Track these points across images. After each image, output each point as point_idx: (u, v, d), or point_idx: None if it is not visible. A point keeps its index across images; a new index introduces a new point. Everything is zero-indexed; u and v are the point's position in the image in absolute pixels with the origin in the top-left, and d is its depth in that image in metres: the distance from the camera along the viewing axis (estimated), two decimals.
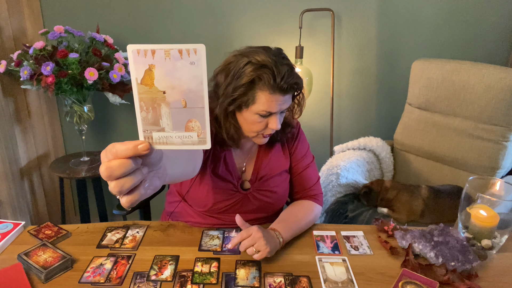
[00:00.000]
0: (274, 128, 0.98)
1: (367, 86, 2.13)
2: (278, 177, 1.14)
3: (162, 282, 0.89)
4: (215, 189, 1.07)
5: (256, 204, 1.12)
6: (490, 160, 1.67)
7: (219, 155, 1.08)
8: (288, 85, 0.93)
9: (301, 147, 1.19)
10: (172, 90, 0.49)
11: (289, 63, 0.95)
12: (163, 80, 0.48)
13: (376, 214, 1.64)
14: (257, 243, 0.92)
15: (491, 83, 1.60)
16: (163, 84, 0.49)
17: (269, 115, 0.97)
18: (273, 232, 0.99)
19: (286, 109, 1.00)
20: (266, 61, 0.92)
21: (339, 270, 0.94)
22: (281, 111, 0.98)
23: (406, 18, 1.98)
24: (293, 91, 0.98)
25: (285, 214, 1.09)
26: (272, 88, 0.92)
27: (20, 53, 1.70)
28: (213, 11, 2.00)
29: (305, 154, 1.20)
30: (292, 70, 0.95)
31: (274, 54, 0.94)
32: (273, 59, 0.92)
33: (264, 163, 1.13)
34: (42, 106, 2.12)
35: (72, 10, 2.01)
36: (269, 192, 1.13)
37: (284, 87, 0.92)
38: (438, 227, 1.02)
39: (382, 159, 1.95)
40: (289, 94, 0.96)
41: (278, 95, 0.94)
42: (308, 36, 2.01)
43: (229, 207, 1.10)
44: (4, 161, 1.85)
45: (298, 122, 1.21)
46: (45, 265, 0.90)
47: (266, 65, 0.91)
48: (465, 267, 0.90)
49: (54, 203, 2.31)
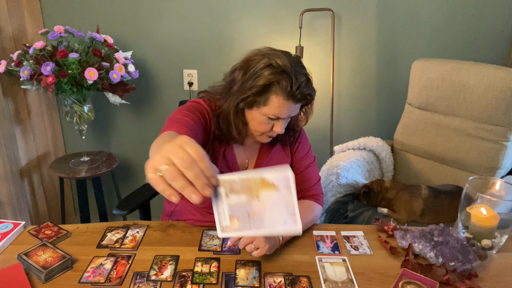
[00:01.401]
0: (278, 132, 1.01)
1: (367, 86, 2.13)
2: None
3: (162, 282, 0.89)
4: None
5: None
6: (490, 160, 1.67)
7: (218, 151, 1.09)
8: (302, 95, 0.95)
9: (302, 147, 1.21)
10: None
11: (306, 74, 0.97)
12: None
13: (376, 214, 1.64)
14: (256, 240, 0.92)
15: (491, 83, 1.60)
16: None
17: (277, 119, 0.99)
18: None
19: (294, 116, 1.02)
20: (286, 66, 0.93)
21: (339, 270, 0.94)
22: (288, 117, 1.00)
23: (406, 18, 1.98)
24: (305, 101, 1.00)
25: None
26: (287, 95, 0.93)
27: (20, 53, 1.70)
28: (213, 11, 2.00)
29: (306, 154, 1.21)
30: (309, 81, 0.97)
31: (294, 61, 0.96)
32: (293, 66, 0.94)
33: (265, 161, 1.15)
34: (42, 106, 2.12)
35: (72, 10, 2.01)
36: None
37: (298, 97, 0.94)
38: (438, 227, 1.02)
39: (382, 159, 1.95)
40: (300, 103, 0.98)
41: (290, 103, 0.95)
42: (308, 36, 2.01)
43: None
44: (4, 161, 1.85)
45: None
46: (45, 265, 0.90)
47: (286, 71, 0.92)
48: (465, 267, 0.90)
49: (54, 203, 2.31)
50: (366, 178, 1.88)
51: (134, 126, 2.25)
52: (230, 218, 0.65)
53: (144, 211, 1.41)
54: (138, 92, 2.09)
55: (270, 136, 1.05)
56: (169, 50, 2.08)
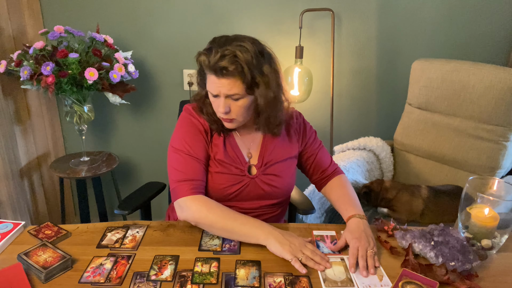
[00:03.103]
0: (219, 111, 1.04)
1: (367, 86, 2.13)
2: (283, 163, 1.18)
3: (162, 282, 0.89)
4: (222, 174, 1.12)
5: (264, 189, 1.15)
6: (490, 160, 1.67)
7: (217, 143, 1.13)
8: (218, 68, 0.97)
9: (310, 132, 1.26)
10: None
11: (231, 49, 0.96)
12: None
13: (376, 214, 1.64)
14: (366, 247, 0.98)
15: (491, 83, 1.60)
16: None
17: (217, 97, 1.03)
18: (358, 220, 1.05)
19: (237, 96, 1.01)
20: (212, 43, 1.01)
21: (338, 270, 0.94)
22: (226, 96, 1.01)
23: (406, 18, 1.98)
24: (228, 76, 0.98)
25: (339, 197, 1.18)
26: (209, 69, 0.99)
27: (20, 53, 1.70)
28: (213, 11, 2.00)
29: (314, 139, 1.27)
30: (230, 55, 0.96)
31: (222, 39, 1.00)
32: (217, 43, 0.99)
33: (269, 150, 1.17)
34: (42, 106, 2.12)
35: (72, 10, 2.01)
36: (274, 176, 1.16)
37: (216, 69, 0.97)
38: (438, 227, 1.02)
39: (382, 159, 1.95)
40: (225, 78, 0.98)
41: (214, 77, 0.99)
42: (308, 36, 2.01)
43: (238, 192, 1.13)
44: (4, 161, 1.85)
45: (299, 113, 1.28)
46: (45, 265, 0.90)
47: (210, 48, 0.99)
48: (465, 267, 0.90)
49: (54, 203, 2.31)
50: (366, 178, 1.88)
51: (134, 126, 2.25)
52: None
53: (145, 211, 1.41)
54: (138, 92, 2.09)
55: (225, 119, 1.07)
56: (169, 50, 2.08)
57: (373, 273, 0.92)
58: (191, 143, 1.10)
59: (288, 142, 1.21)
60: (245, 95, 1.02)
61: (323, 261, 0.94)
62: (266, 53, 1.05)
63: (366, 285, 0.89)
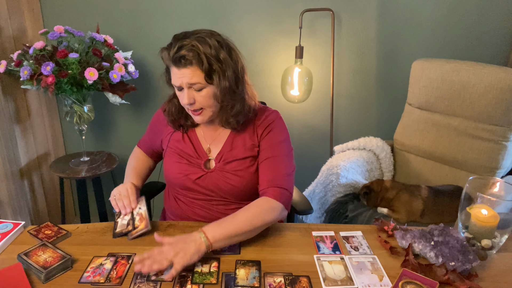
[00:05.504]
0: (183, 102, 1.07)
1: (367, 86, 2.13)
2: (242, 161, 1.15)
3: (162, 282, 0.89)
4: (181, 163, 1.18)
5: (222, 184, 1.15)
6: (490, 160, 1.67)
7: (177, 138, 1.22)
8: (177, 58, 1.00)
9: (271, 136, 1.16)
10: None
11: (191, 42, 0.99)
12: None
13: (376, 214, 1.64)
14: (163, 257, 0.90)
15: (491, 83, 1.60)
16: None
17: (181, 89, 1.06)
18: (195, 235, 0.94)
19: (198, 86, 1.03)
20: (172, 40, 1.03)
21: (337, 269, 0.94)
22: (189, 86, 1.04)
23: (406, 18, 1.98)
24: (187, 65, 1.01)
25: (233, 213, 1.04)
26: (170, 61, 1.03)
27: (20, 53, 1.70)
28: (213, 11, 2.00)
29: (274, 144, 1.15)
30: (188, 45, 0.99)
31: (182, 34, 1.03)
32: (178, 37, 1.02)
33: (229, 147, 1.17)
34: (42, 106, 2.12)
35: (72, 10, 2.01)
36: (232, 174, 1.15)
37: (175, 60, 1.01)
38: (438, 227, 1.02)
39: (382, 159, 1.95)
40: (185, 68, 1.01)
41: (174, 68, 1.03)
42: (308, 36, 2.01)
43: (199, 181, 1.16)
44: (4, 161, 1.85)
45: (276, 116, 1.19)
46: (45, 265, 0.90)
47: (170, 43, 1.03)
48: (465, 267, 0.90)
49: (54, 203, 2.31)
50: (366, 178, 1.88)
51: (134, 126, 2.25)
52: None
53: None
54: (138, 92, 2.09)
55: (192, 111, 1.10)
56: None
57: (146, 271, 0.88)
58: (147, 136, 1.36)
59: (249, 140, 1.16)
60: (206, 85, 1.04)
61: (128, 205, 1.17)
62: (225, 44, 1.08)
63: (365, 284, 0.89)
